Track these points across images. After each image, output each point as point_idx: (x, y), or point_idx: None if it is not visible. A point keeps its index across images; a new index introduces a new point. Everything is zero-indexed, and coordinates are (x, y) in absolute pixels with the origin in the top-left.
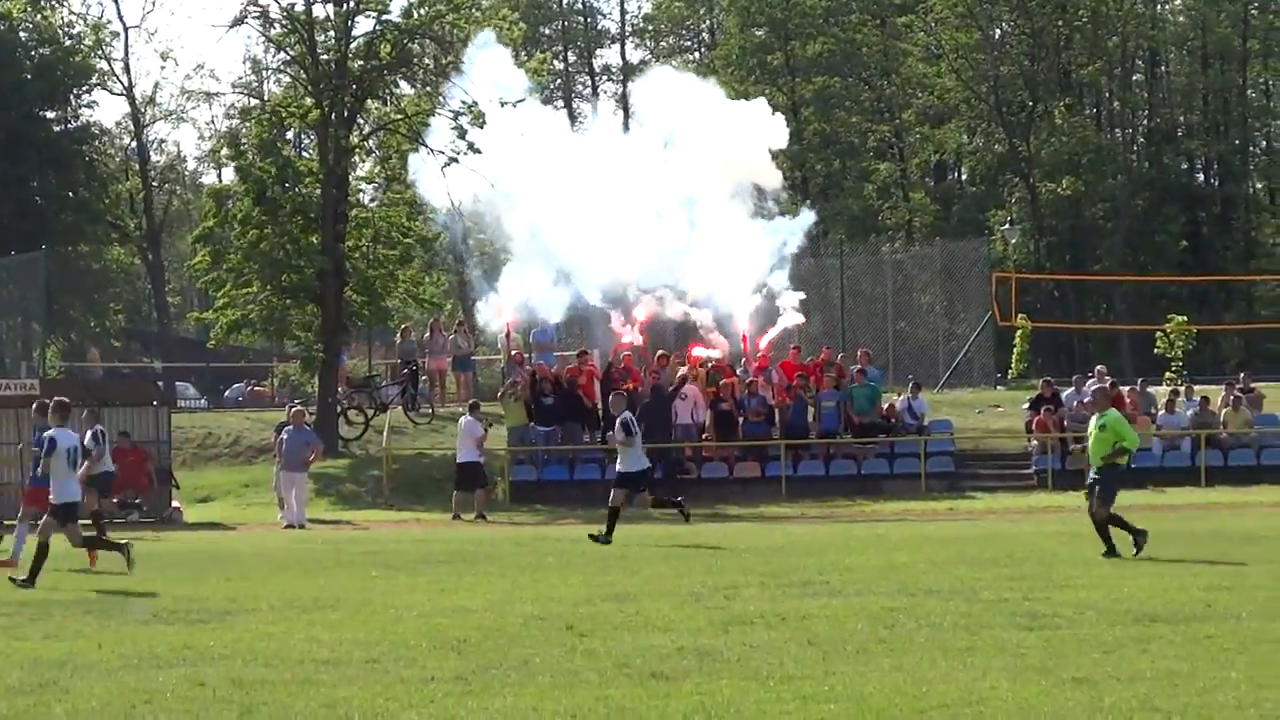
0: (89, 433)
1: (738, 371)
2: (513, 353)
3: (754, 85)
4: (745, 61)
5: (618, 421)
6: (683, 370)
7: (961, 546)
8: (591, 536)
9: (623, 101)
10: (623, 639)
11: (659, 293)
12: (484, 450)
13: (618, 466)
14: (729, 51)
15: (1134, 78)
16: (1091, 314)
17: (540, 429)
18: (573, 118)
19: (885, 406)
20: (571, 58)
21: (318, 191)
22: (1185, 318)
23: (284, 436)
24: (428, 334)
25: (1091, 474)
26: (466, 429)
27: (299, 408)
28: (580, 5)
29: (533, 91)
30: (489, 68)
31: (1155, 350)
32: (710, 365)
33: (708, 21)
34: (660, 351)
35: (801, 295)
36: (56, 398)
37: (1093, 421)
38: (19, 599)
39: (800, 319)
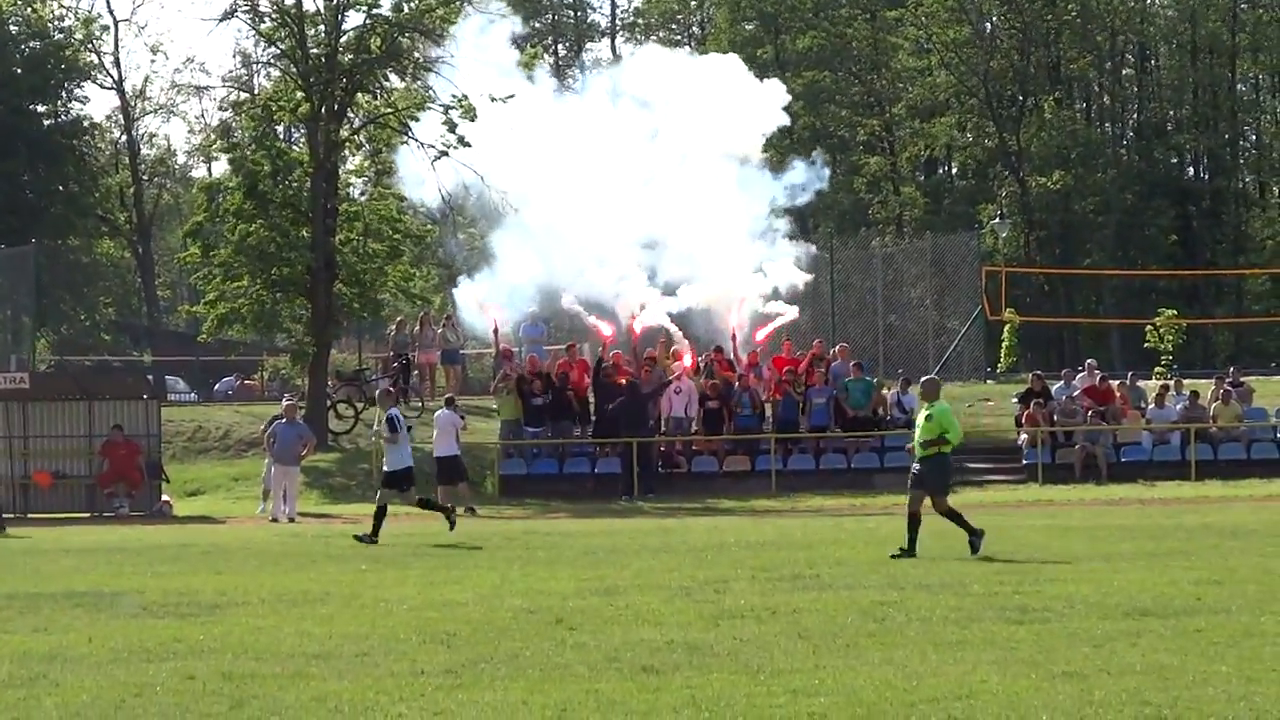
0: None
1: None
2: (501, 347)
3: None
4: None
5: (384, 418)
6: (677, 365)
7: (951, 540)
8: (356, 537)
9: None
10: (612, 633)
11: (639, 295)
12: (461, 443)
13: (384, 465)
14: (719, 45)
15: (1124, 72)
16: (1081, 308)
17: (530, 430)
18: (560, 79)
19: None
20: (561, 51)
21: (308, 185)
22: (1175, 312)
23: (275, 430)
24: (417, 328)
25: (915, 465)
26: (445, 422)
27: (291, 402)
28: None
29: (526, 62)
30: (481, 59)
31: (1145, 344)
32: (708, 358)
33: (698, 15)
34: (648, 351)
35: (808, 277)
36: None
37: (921, 412)
38: (5, 592)
39: (794, 313)
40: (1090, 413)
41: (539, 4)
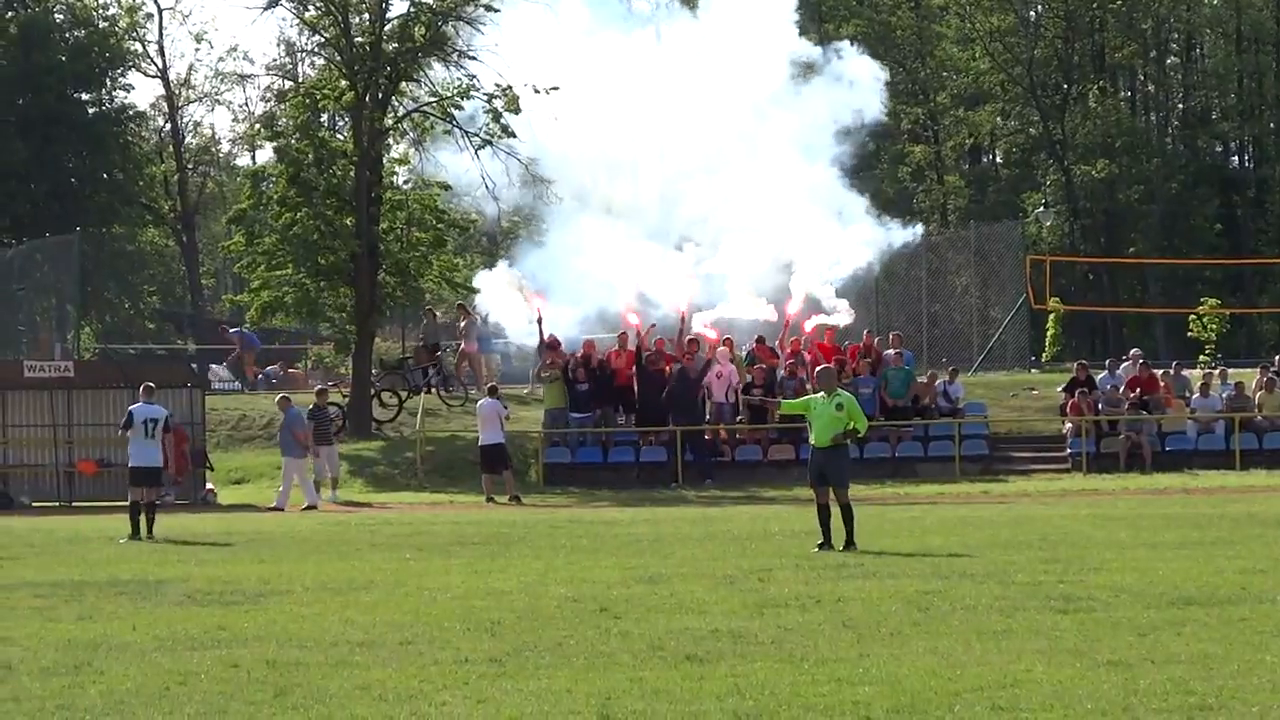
0: None
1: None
2: (546, 335)
3: None
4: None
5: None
6: (717, 350)
7: (995, 530)
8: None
9: None
10: (657, 621)
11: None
12: (506, 431)
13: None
14: None
15: (1168, 60)
16: (1126, 297)
17: (576, 416)
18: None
19: (924, 387)
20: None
21: (352, 174)
22: (1219, 301)
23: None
24: (460, 319)
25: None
26: (489, 410)
27: (321, 387)
28: None
29: None
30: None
31: (1189, 334)
32: (752, 346)
33: None
34: (690, 336)
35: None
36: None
37: (824, 399)
38: (51, 580)
39: (849, 318)
40: (1134, 402)
41: None
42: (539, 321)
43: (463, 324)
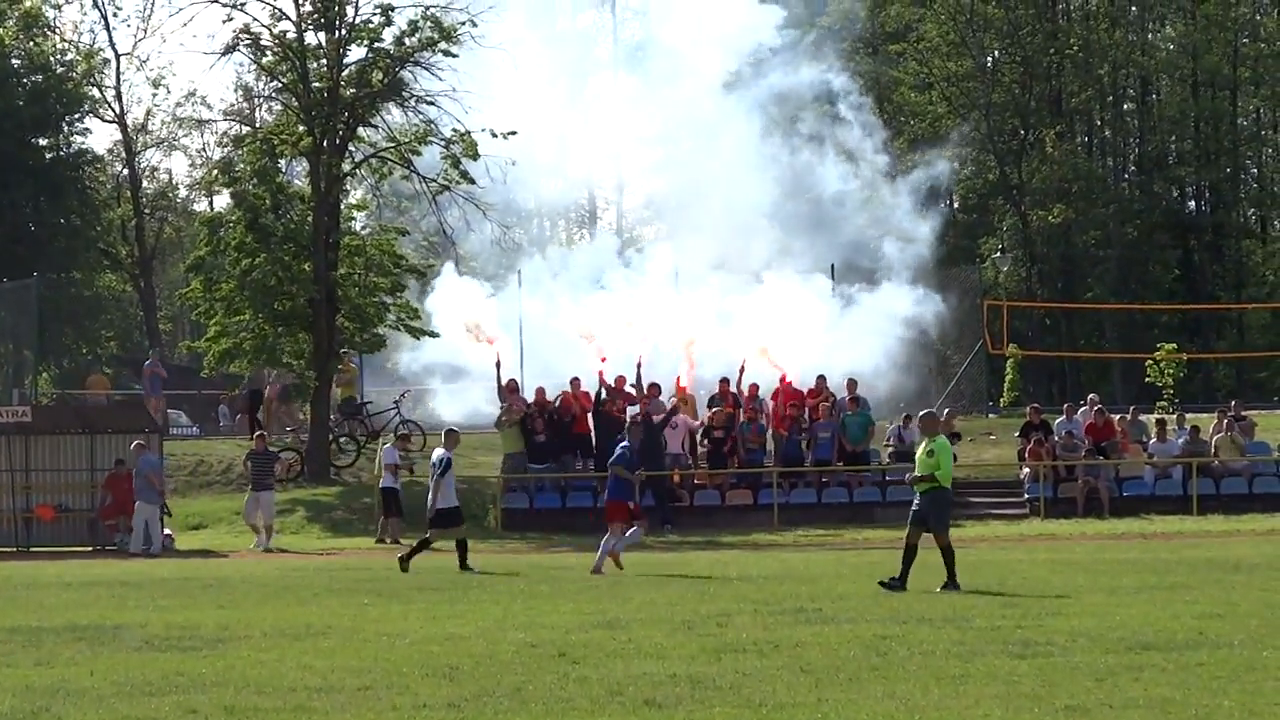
0: None
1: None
2: (505, 380)
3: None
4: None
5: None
6: (674, 400)
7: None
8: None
9: None
10: (615, 666)
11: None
12: (400, 478)
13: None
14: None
15: (1125, 106)
16: (1083, 342)
17: (535, 466)
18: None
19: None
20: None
21: (309, 219)
22: (1175, 346)
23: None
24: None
25: (916, 500)
26: (384, 457)
27: (260, 432)
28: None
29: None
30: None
31: (1147, 379)
32: (715, 391)
33: None
34: (651, 381)
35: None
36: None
37: (921, 446)
38: (8, 626)
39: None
40: (1091, 448)
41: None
42: (497, 365)
43: (276, 372)
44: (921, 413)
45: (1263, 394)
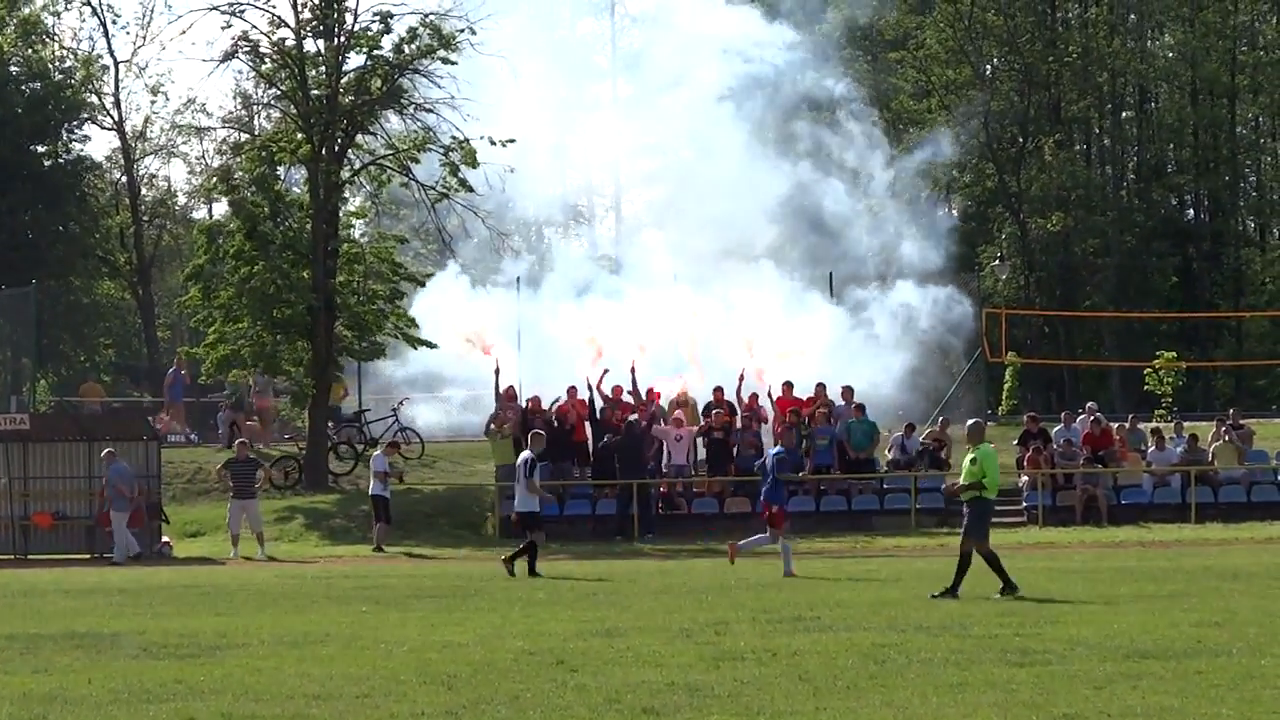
0: None
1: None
2: (502, 389)
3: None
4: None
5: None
6: (676, 407)
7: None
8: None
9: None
10: (613, 674)
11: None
12: (389, 486)
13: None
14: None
15: (1123, 114)
16: (1081, 350)
17: None
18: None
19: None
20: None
21: (308, 226)
22: (1174, 354)
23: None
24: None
25: (965, 508)
26: (374, 465)
27: (241, 440)
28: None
29: None
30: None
31: (1145, 387)
32: (711, 398)
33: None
34: (649, 387)
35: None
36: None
37: (966, 455)
38: (6, 633)
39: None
40: (1089, 456)
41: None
42: (496, 373)
43: (256, 379)
44: (969, 422)
45: (1261, 402)
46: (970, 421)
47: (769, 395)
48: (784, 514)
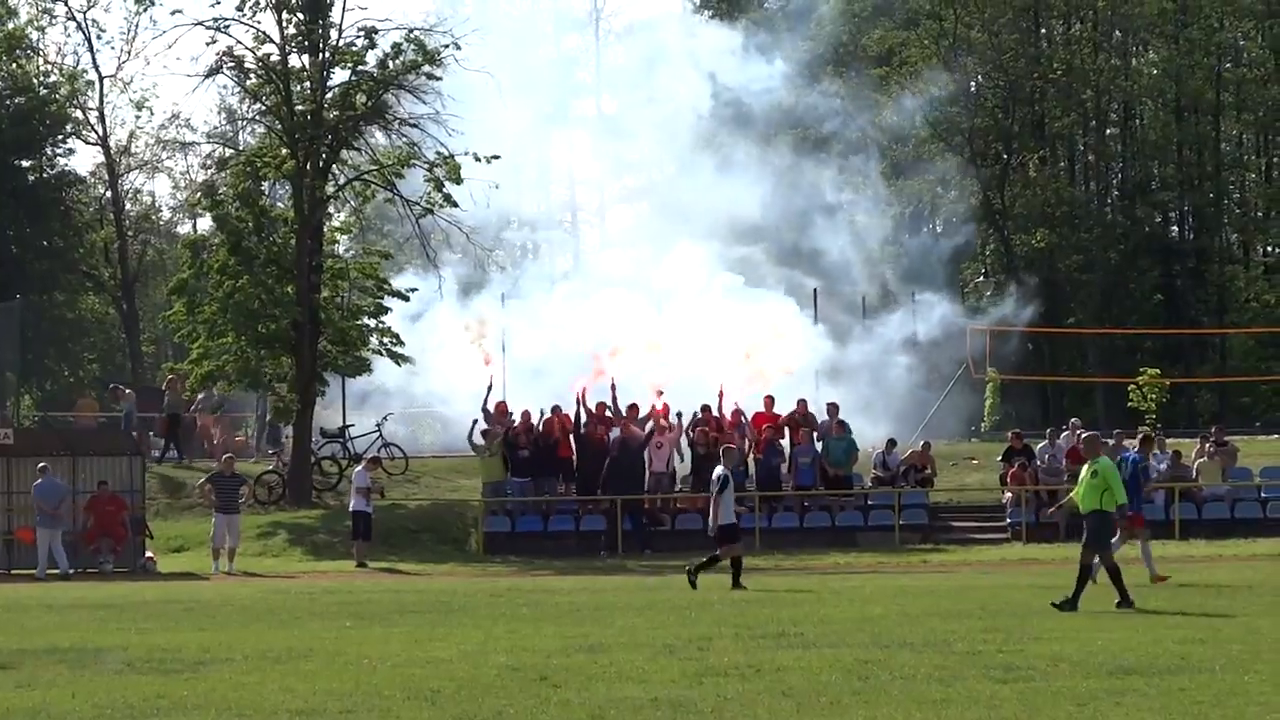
0: None
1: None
2: (494, 405)
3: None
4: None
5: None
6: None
7: (935, 599)
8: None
9: None
10: (597, 690)
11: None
12: (371, 501)
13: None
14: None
15: (1108, 130)
16: (1065, 367)
17: (516, 480)
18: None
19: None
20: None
21: (292, 242)
22: (1158, 371)
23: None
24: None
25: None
26: (356, 480)
27: (227, 455)
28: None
29: None
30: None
31: (1129, 403)
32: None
33: None
34: (631, 402)
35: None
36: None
37: (1085, 468)
38: None
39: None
40: (1073, 472)
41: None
42: (488, 388)
43: (200, 395)
44: (1085, 434)
45: (1245, 419)
46: (1086, 434)
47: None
48: (1140, 518)
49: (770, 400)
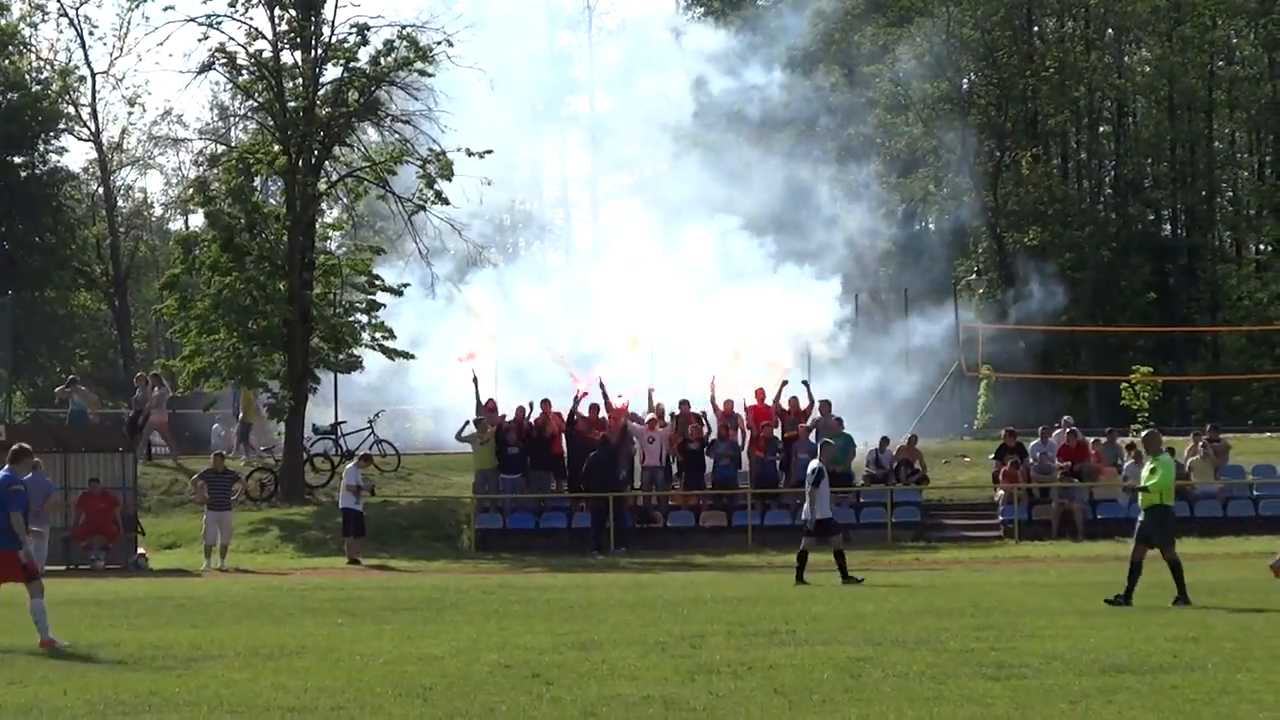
0: None
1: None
2: (483, 399)
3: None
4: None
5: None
6: (649, 415)
7: (928, 596)
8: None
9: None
10: (589, 687)
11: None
12: (361, 499)
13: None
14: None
15: (1100, 128)
16: (1059, 365)
17: (506, 477)
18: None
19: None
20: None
21: (284, 238)
22: (1151, 369)
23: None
24: (153, 388)
25: (1140, 517)
26: (347, 478)
27: (219, 452)
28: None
29: None
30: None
31: (1122, 401)
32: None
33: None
34: (619, 395)
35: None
36: None
37: (1146, 465)
38: None
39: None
40: (1065, 470)
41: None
42: (475, 382)
43: (155, 393)
44: (1144, 432)
45: (1238, 417)
46: (1146, 432)
47: (727, 406)
48: None
49: (761, 393)
